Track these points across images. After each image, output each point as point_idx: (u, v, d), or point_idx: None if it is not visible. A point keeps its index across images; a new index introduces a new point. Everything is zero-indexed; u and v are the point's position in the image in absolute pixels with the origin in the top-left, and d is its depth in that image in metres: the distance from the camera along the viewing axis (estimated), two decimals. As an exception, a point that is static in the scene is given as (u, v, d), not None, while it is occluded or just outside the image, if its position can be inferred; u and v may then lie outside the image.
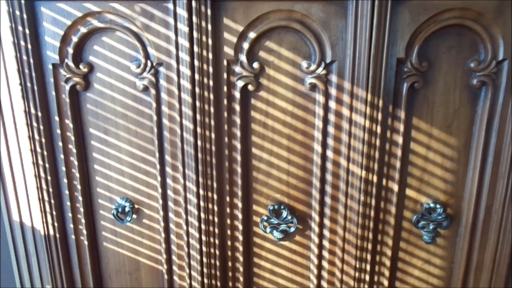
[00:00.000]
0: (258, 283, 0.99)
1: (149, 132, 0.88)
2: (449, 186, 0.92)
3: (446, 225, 0.94)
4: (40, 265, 0.95)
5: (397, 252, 0.97)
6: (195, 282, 0.96)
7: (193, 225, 0.92)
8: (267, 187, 0.92)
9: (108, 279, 0.99)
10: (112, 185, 0.92)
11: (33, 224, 0.92)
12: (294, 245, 0.97)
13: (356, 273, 0.96)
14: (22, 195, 0.90)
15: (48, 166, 0.88)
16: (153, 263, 0.98)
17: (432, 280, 0.99)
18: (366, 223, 0.92)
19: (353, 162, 0.88)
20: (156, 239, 0.96)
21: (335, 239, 0.95)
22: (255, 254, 0.97)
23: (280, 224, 0.93)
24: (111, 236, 0.96)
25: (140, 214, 0.94)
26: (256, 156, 0.90)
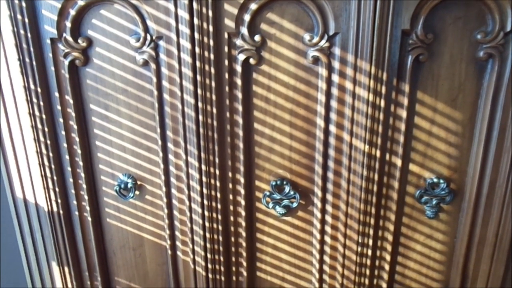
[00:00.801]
0: (261, 258, 1.00)
1: (150, 108, 0.87)
2: (452, 161, 0.91)
3: (449, 200, 0.94)
4: (45, 241, 0.96)
5: (400, 227, 0.97)
6: (199, 257, 0.97)
7: (196, 200, 0.92)
8: (270, 162, 0.91)
9: (113, 255, 1.00)
10: (114, 161, 0.92)
11: (37, 200, 0.92)
12: (297, 221, 0.97)
13: (358, 248, 0.96)
14: (25, 172, 0.90)
15: (49, 143, 0.87)
16: (156, 239, 0.98)
17: (434, 255, 1.00)
18: (369, 198, 0.92)
19: (356, 137, 0.87)
20: (159, 215, 0.96)
21: (337, 214, 0.95)
22: (258, 229, 0.97)
23: (282, 199, 0.93)
24: (114, 213, 0.96)
25: (142, 191, 0.94)
26: (258, 131, 0.89)
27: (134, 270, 1.01)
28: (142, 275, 1.02)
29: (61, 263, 0.97)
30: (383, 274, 1.00)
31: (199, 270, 0.98)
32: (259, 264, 1.00)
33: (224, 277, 0.99)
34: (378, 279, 1.01)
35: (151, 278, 1.02)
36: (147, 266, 1.01)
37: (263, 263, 1.00)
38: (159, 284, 1.02)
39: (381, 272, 1.00)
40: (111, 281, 1.02)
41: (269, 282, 1.02)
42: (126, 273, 1.01)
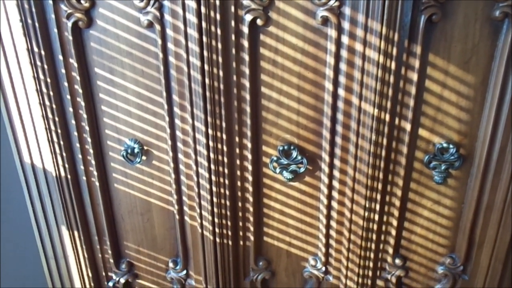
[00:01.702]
0: (268, 224, 1.00)
1: (155, 71, 0.86)
2: (463, 126, 0.90)
3: (458, 165, 0.93)
4: (54, 206, 0.97)
5: (407, 193, 0.97)
6: (206, 222, 0.98)
7: (203, 165, 0.92)
8: (277, 127, 0.90)
9: (121, 220, 1.01)
10: (120, 126, 0.91)
11: (44, 165, 0.92)
12: (304, 186, 0.96)
13: (365, 213, 0.96)
14: (31, 137, 0.90)
15: (55, 107, 0.87)
16: (164, 204, 0.99)
17: (441, 221, 1.00)
18: (377, 163, 0.91)
19: (365, 100, 0.85)
20: (166, 180, 0.96)
21: (345, 180, 0.94)
22: (265, 195, 0.97)
23: (289, 164, 0.92)
24: (122, 178, 0.96)
25: (149, 156, 0.94)
26: (265, 95, 0.87)
27: (143, 235, 1.02)
28: (150, 239, 1.03)
29: (70, 228, 0.98)
30: (389, 239, 1.01)
31: (207, 234, 0.99)
32: (266, 229, 1.01)
33: (232, 241, 1.00)
34: (384, 244, 1.02)
35: (159, 242, 1.03)
36: (155, 231, 1.02)
37: (270, 228, 1.01)
38: (167, 248, 1.04)
39: (387, 237, 1.01)
40: (120, 246, 1.04)
41: (276, 247, 1.03)
42: (135, 238, 1.03)
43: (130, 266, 1.06)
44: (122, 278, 1.06)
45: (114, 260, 1.04)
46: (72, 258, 1.02)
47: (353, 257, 1.01)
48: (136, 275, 1.07)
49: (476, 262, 1.02)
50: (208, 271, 1.03)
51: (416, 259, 1.04)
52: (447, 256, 1.03)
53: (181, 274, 1.06)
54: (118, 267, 1.05)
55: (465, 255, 1.02)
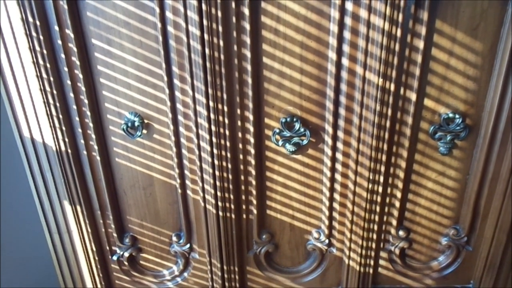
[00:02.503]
0: (271, 197, 1.00)
1: (154, 42, 0.83)
2: (470, 95, 0.88)
3: (464, 135, 0.91)
4: (55, 181, 0.96)
5: (412, 164, 0.95)
6: (209, 195, 0.97)
7: (204, 138, 0.91)
8: (279, 99, 0.89)
9: (123, 194, 1.01)
10: (120, 99, 0.90)
11: (44, 140, 0.91)
12: (307, 159, 0.95)
13: (369, 185, 0.95)
14: (30, 111, 0.88)
15: (52, 80, 0.85)
16: (166, 178, 0.98)
17: (445, 192, 0.99)
18: (381, 134, 0.89)
19: (370, 70, 0.83)
20: (168, 154, 0.95)
21: (348, 152, 0.93)
22: (268, 168, 0.96)
23: (292, 137, 0.91)
24: (123, 152, 0.95)
25: (150, 129, 0.93)
26: (267, 66, 0.85)
27: (145, 209, 1.02)
28: (153, 214, 1.03)
29: (73, 202, 0.98)
30: (393, 211, 1.00)
31: (210, 208, 0.99)
32: (269, 202, 1.01)
33: (234, 215, 1.00)
34: (388, 216, 1.01)
35: (162, 216, 1.03)
36: (158, 205, 1.01)
37: (273, 201, 1.00)
38: (171, 222, 1.04)
39: (391, 209, 1.00)
40: (123, 220, 1.04)
41: (279, 220, 1.03)
42: (138, 212, 1.02)
43: (134, 240, 1.06)
44: (126, 252, 1.06)
45: (118, 234, 1.04)
46: (75, 232, 1.02)
47: (357, 229, 1.01)
48: (140, 249, 1.07)
49: (480, 233, 1.02)
50: (212, 245, 1.04)
51: (420, 230, 1.03)
52: (451, 227, 1.03)
53: (184, 247, 1.06)
54: (121, 241, 1.05)
55: (469, 226, 1.01)
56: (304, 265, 1.09)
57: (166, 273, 1.11)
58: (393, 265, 1.08)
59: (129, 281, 1.11)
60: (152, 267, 1.10)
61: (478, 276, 1.08)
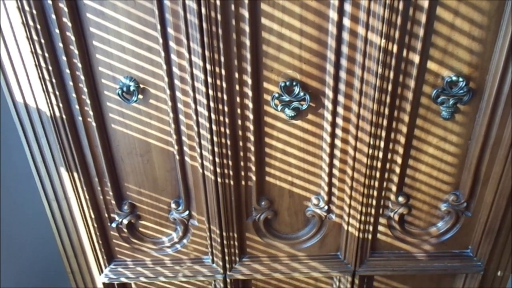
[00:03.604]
0: (270, 163, 0.99)
1: (148, 1, 0.80)
2: (474, 57, 0.85)
3: (467, 99, 0.89)
4: (51, 147, 0.95)
5: (413, 129, 0.94)
6: (207, 162, 0.96)
7: (202, 103, 0.89)
8: (278, 62, 0.86)
9: (120, 161, 0.99)
10: (114, 63, 0.87)
11: (38, 105, 0.89)
12: (307, 124, 0.94)
13: (369, 151, 0.94)
14: (22, 75, 0.86)
15: (43, 42, 0.82)
16: (163, 144, 0.97)
17: (446, 158, 0.98)
18: (383, 98, 0.87)
19: (372, 30, 0.80)
20: (165, 120, 0.93)
21: (349, 116, 0.91)
22: (267, 133, 0.95)
23: (292, 101, 0.89)
24: (119, 118, 0.93)
25: (146, 94, 0.90)
26: (265, 27, 0.82)
27: (143, 176, 1.01)
28: (151, 181, 1.02)
29: (69, 169, 0.97)
30: (393, 177, 1.00)
31: (208, 174, 0.98)
32: (268, 169, 1.00)
33: (233, 181, 0.99)
34: (388, 182, 1.00)
35: (161, 184, 1.02)
36: (156, 172, 1.00)
37: (272, 168, 1.00)
38: (169, 189, 1.03)
39: (391, 175, 0.99)
40: (121, 187, 1.03)
41: (278, 187, 1.02)
42: (135, 179, 1.02)
43: (133, 207, 1.06)
44: (124, 219, 1.06)
45: (116, 202, 1.03)
46: (73, 199, 1.01)
47: (356, 195, 1.01)
48: (138, 216, 1.07)
49: (480, 198, 1.02)
50: (211, 211, 1.03)
51: (420, 196, 1.03)
52: (450, 193, 1.02)
53: (183, 214, 1.06)
54: (120, 209, 1.05)
55: (469, 192, 1.01)
56: (303, 232, 1.09)
57: (166, 240, 1.11)
58: (392, 231, 1.08)
59: (129, 248, 1.12)
60: (152, 234, 1.10)
61: (476, 242, 1.09)
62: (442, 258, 1.11)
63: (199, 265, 1.13)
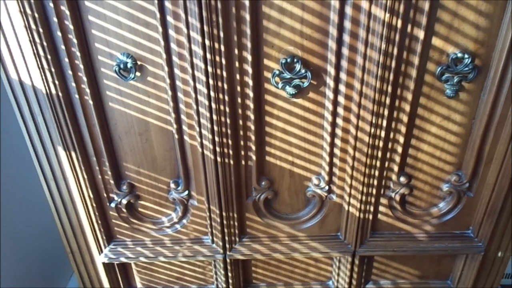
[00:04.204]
0: (270, 142, 0.97)
1: (144, -26, 0.78)
2: (481, 33, 0.83)
3: (472, 77, 0.87)
4: (48, 126, 0.93)
5: (416, 108, 0.92)
6: (206, 141, 0.95)
7: (201, 80, 0.87)
8: (279, 38, 0.84)
9: (118, 141, 0.98)
10: (111, 39, 0.85)
11: (33, 82, 0.87)
12: (307, 102, 0.92)
13: (371, 130, 0.92)
14: (16, 51, 0.84)
15: (37, 16, 0.79)
16: (162, 123, 0.95)
17: (449, 137, 0.96)
18: (386, 75, 0.85)
19: (376, 4, 0.78)
20: (163, 98, 0.92)
21: (351, 94, 0.89)
22: (267, 112, 0.93)
23: (293, 79, 0.87)
24: (116, 96, 0.92)
25: (144, 72, 0.88)
26: (266, 1, 0.80)
27: (142, 156, 1.00)
28: (150, 160, 1.01)
29: (67, 148, 0.95)
30: (395, 157, 0.98)
31: (207, 154, 0.96)
32: (268, 148, 0.98)
33: (233, 161, 0.98)
34: (389, 162, 0.99)
35: (160, 163, 1.01)
36: (155, 152, 0.99)
37: (272, 148, 0.98)
38: (168, 169, 1.02)
39: (393, 155, 0.98)
40: (119, 167, 1.02)
41: (279, 166, 1.01)
42: (134, 159, 1.00)
43: (131, 187, 1.05)
44: (123, 199, 1.05)
45: (115, 181, 1.02)
46: (71, 179, 1.00)
47: (357, 175, 0.99)
48: (138, 196, 1.06)
49: (483, 179, 1.01)
50: (210, 191, 1.02)
51: (421, 177, 1.02)
52: (453, 173, 1.01)
53: (183, 194, 1.05)
54: (119, 188, 1.04)
55: (471, 172, 1.00)
56: (304, 212, 1.09)
57: (165, 220, 1.11)
58: (393, 211, 1.07)
59: (128, 228, 1.11)
60: (151, 214, 1.10)
61: (477, 222, 1.08)
62: (442, 239, 1.10)
63: (199, 245, 1.13)
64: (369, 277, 1.23)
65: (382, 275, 1.22)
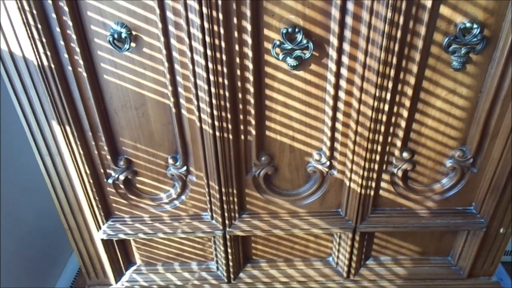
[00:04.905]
0: (270, 117, 0.95)
1: None
2: (490, 2, 0.79)
3: (480, 48, 0.84)
4: (41, 99, 0.90)
5: (421, 81, 0.89)
6: (204, 115, 0.92)
7: (198, 51, 0.83)
8: (280, 6, 0.80)
9: (115, 115, 0.95)
10: (104, 7, 0.81)
11: (24, 53, 0.84)
12: (309, 75, 0.89)
13: (375, 103, 0.90)
14: (4, 19, 0.80)
15: (26, -18, 0.76)
16: (159, 96, 0.92)
17: (454, 112, 0.94)
18: (391, 46, 0.82)
19: (382, -31, 0.74)
20: (160, 70, 0.88)
21: (354, 66, 0.86)
22: (267, 85, 0.90)
23: (294, 49, 0.84)
24: (111, 68, 0.88)
25: (139, 42, 0.85)
26: (266, -34, 0.76)
27: (139, 131, 0.97)
28: (147, 135, 0.98)
29: (61, 123, 0.93)
30: (398, 132, 0.96)
31: (206, 128, 0.94)
32: (268, 123, 0.96)
33: (232, 135, 0.95)
34: (392, 136, 0.97)
35: (157, 138, 0.99)
36: (152, 126, 0.97)
37: (273, 122, 0.96)
38: (166, 144, 0.99)
39: (396, 130, 0.96)
40: (116, 142, 1.00)
41: (279, 141, 0.99)
42: (131, 134, 0.98)
43: (129, 163, 1.03)
44: (121, 175, 1.03)
45: (112, 157, 1.00)
46: (67, 154, 0.98)
47: (359, 150, 0.97)
48: (135, 172, 1.04)
49: (487, 154, 0.99)
50: (209, 167, 1.00)
51: (425, 152, 1.00)
52: (457, 149, 0.99)
53: (181, 170, 1.03)
54: (116, 164, 1.02)
55: (476, 148, 0.97)
56: (304, 188, 1.07)
57: (164, 196, 1.09)
58: (395, 187, 1.05)
59: (126, 205, 1.10)
60: (149, 190, 1.08)
61: (480, 199, 1.06)
62: (444, 215, 1.09)
63: (198, 222, 1.11)
64: (369, 253, 1.22)
65: (383, 251, 1.22)
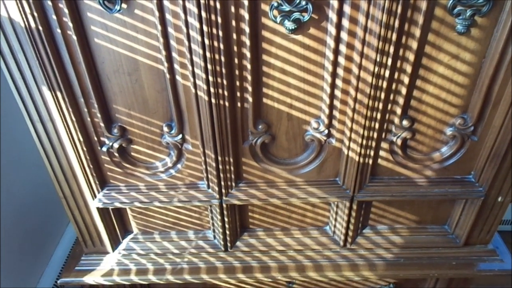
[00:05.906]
0: (268, 83, 0.92)
1: None
2: (499, -39, 0.76)
3: (486, 10, 0.81)
4: (30, 64, 0.87)
5: (424, 46, 0.86)
6: (200, 81, 0.89)
7: (192, 13, 0.80)
8: (278, -36, 0.76)
9: (107, 81, 0.92)
10: (92, -35, 0.77)
11: (9, 14, 0.80)
12: (308, 39, 0.86)
13: (375, 69, 0.87)
14: (-12, -22, 0.76)
15: None
16: (152, 62, 0.89)
17: (457, 78, 0.91)
18: (393, 8, 0.79)
19: None
20: (153, 33, 0.85)
21: (354, 30, 0.83)
22: (264, 50, 0.87)
23: (292, 11, 0.80)
24: (102, 31, 0.85)
25: (130, 3, 0.81)
26: None
27: (133, 97, 0.95)
28: (141, 102, 0.96)
29: (52, 88, 0.90)
30: (398, 99, 0.94)
31: (201, 95, 0.91)
32: (265, 89, 0.93)
33: (228, 103, 0.93)
34: (393, 104, 0.95)
35: (151, 105, 0.96)
36: (146, 93, 0.94)
37: (270, 89, 0.93)
38: (160, 112, 0.97)
39: (396, 97, 0.93)
40: (109, 109, 0.97)
41: (276, 109, 0.96)
42: (124, 101, 0.95)
43: (123, 130, 1.01)
44: (115, 143, 1.01)
45: (105, 124, 0.98)
46: (59, 121, 0.95)
47: (359, 118, 0.95)
48: (130, 140, 1.03)
49: (489, 122, 0.97)
50: (205, 135, 0.98)
51: (425, 120, 0.98)
52: (458, 116, 0.97)
53: (176, 138, 1.01)
54: (110, 132, 0.99)
55: (477, 115, 0.96)
56: (302, 157, 1.06)
57: (159, 165, 1.08)
58: (394, 156, 1.04)
59: (121, 173, 1.08)
60: (144, 158, 1.07)
61: (479, 167, 1.05)
62: (443, 184, 1.08)
63: (195, 190, 1.11)
64: (367, 222, 1.22)
65: (380, 220, 1.22)
